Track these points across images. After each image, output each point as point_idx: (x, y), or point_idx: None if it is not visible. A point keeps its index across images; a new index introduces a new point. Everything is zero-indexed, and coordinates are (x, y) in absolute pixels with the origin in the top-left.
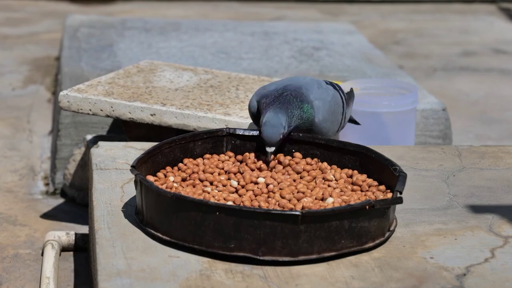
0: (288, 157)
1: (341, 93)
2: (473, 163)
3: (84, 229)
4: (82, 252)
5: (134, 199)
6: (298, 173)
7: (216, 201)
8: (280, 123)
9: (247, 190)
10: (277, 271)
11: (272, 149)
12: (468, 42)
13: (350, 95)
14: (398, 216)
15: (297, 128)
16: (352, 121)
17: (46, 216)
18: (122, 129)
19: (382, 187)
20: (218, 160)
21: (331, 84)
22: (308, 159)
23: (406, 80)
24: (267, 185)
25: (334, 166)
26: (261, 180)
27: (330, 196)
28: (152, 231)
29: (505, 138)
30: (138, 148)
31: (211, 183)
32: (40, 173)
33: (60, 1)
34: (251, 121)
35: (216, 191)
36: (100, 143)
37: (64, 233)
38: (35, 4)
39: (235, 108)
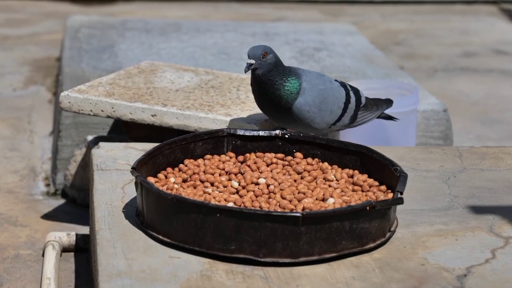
0: (289, 157)
1: (350, 93)
2: (474, 164)
3: (84, 230)
4: (82, 252)
5: (135, 199)
6: (299, 173)
7: (217, 202)
8: (264, 47)
9: (248, 191)
10: (277, 271)
11: (251, 61)
12: (468, 43)
13: (381, 101)
14: (399, 217)
15: (279, 102)
16: (388, 117)
17: (47, 216)
18: (123, 130)
19: (383, 187)
20: (219, 160)
21: (342, 83)
22: (309, 159)
23: (406, 81)
24: (268, 185)
25: (335, 166)
26: (262, 180)
27: (331, 196)
28: (153, 233)
29: (506, 139)
30: (138, 149)
31: (212, 184)
32: (41, 174)
33: (61, 1)
34: (251, 121)
35: (217, 192)
36: (101, 143)
37: (65, 233)
38: (35, 5)
39: (236, 109)
